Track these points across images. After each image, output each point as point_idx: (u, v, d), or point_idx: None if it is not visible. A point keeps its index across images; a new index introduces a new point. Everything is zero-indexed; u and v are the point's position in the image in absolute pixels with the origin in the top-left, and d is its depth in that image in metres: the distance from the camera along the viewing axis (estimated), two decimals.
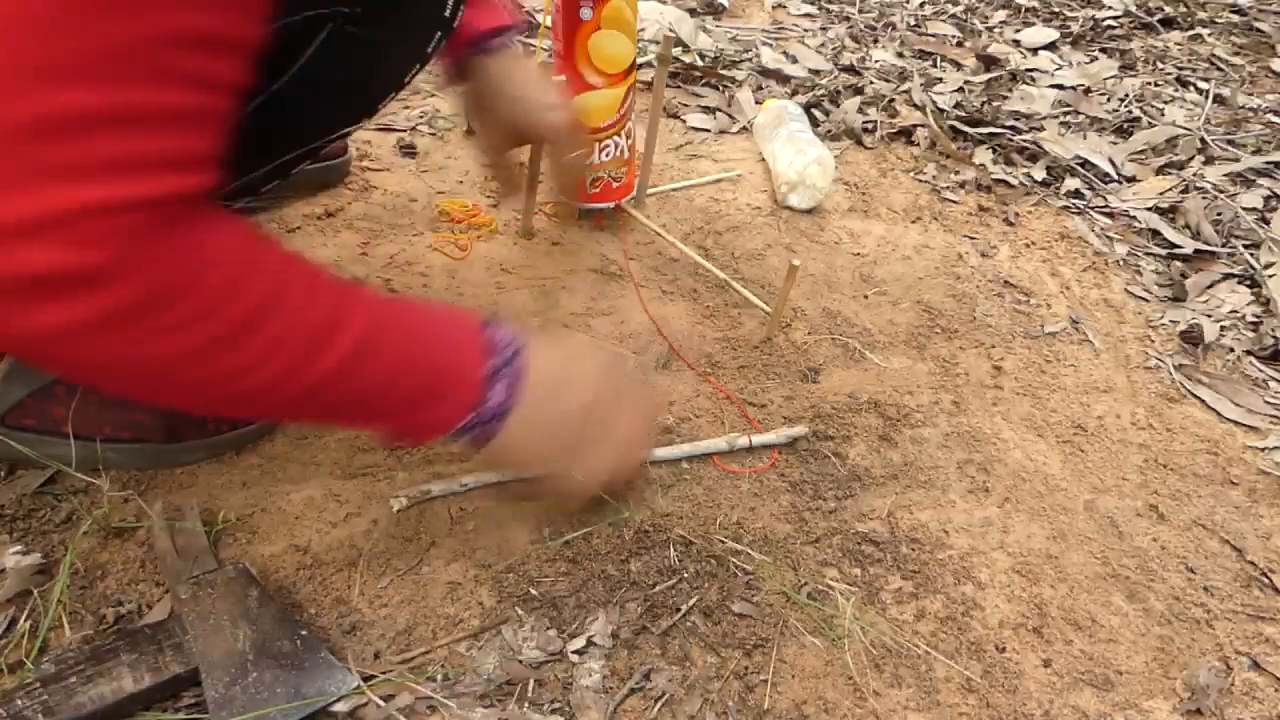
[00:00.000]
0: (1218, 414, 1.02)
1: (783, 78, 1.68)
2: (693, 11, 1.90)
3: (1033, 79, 1.78)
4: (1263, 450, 0.97)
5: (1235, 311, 1.18)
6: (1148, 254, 1.30)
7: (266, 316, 0.52)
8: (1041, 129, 1.58)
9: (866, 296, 1.13)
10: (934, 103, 1.63)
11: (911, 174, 1.43)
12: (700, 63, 1.68)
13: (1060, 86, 1.74)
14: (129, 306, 0.47)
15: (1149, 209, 1.39)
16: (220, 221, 0.51)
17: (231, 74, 0.48)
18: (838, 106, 1.58)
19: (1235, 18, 2.14)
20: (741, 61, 1.72)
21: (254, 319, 0.52)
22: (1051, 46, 1.94)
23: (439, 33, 0.74)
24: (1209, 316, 1.16)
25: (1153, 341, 1.12)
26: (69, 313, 0.46)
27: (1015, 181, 1.43)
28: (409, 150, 1.31)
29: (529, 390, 0.65)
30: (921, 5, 2.11)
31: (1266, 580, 0.82)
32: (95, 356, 0.49)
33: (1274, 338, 1.12)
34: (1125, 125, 1.62)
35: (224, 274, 0.50)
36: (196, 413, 0.75)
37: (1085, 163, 1.49)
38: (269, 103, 0.61)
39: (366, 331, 0.57)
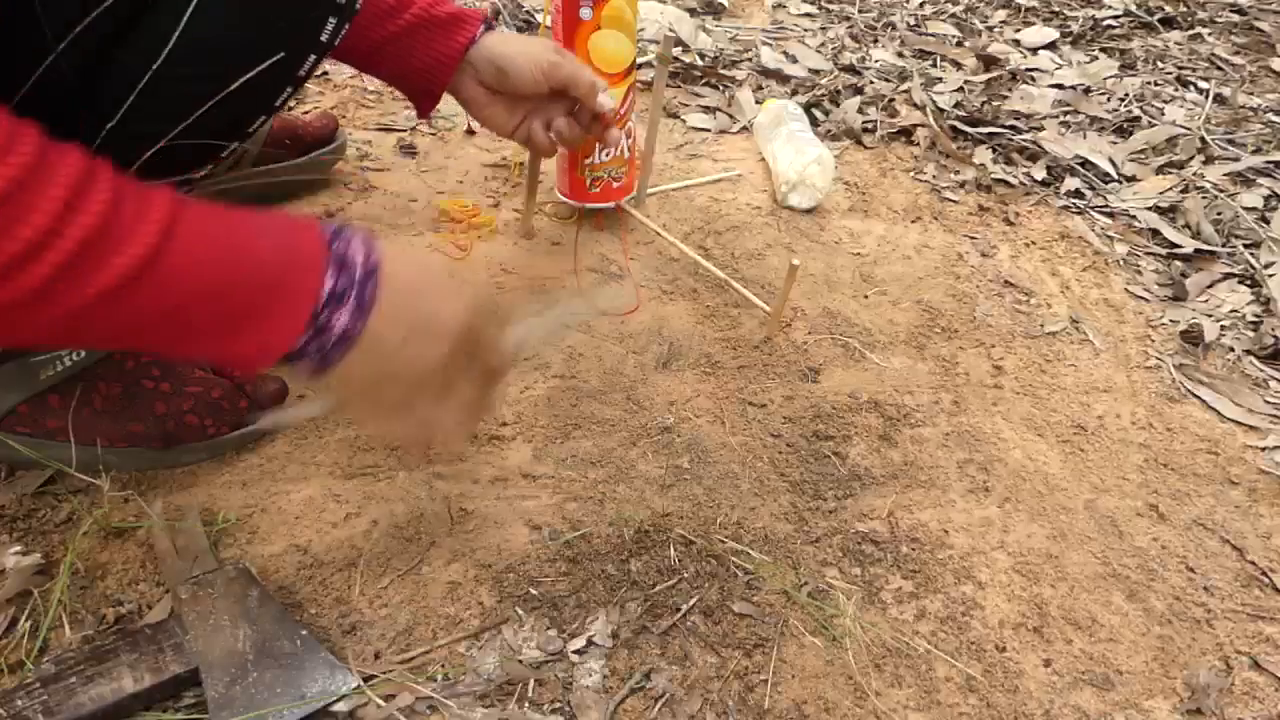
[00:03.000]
0: (1218, 413, 1.02)
1: (783, 77, 1.68)
2: (693, 11, 1.90)
3: (1033, 79, 1.78)
4: (1263, 450, 0.97)
5: (1235, 311, 1.18)
6: (1148, 254, 1.30)
7: (31, 196, 0.43)
8: (1041, 129, 1.58)
9: (866, 296, 1.13)
10: (934, 102, 1.63)
11: (911, 174, 1.43)
12: (700, 62, 1.68)
13: (1060, 86, 1.74)
14: None
15: (1149, 209, 1.39)
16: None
17: None
18: (838, 106, 1.58)
19: (1235, 17, 2.14)
20: (741, 61, 1.72)
21: (9, 194, 0.43)
22: (1051, 46, 1.94)
23: (334, 19, 0.65)
24: (1209, 316, 1.16)
25: (1153, 341, 1.12)
26: None
27: (1015, 181, 1.43)
28: (409, 150, 1.31)
29: (378, 323, 0.54)
30: (921, 5, 2.11)
31: (1266, 580, 0.82)
32: None
33: (1274, 337, 1.12)
34: (1125, 125, 1.62)
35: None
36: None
37: (1085, 162, 1.49)
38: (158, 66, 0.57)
39: (171, 231, 0.47)
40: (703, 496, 0.82)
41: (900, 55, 1.84)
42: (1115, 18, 2.08)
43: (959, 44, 1.92)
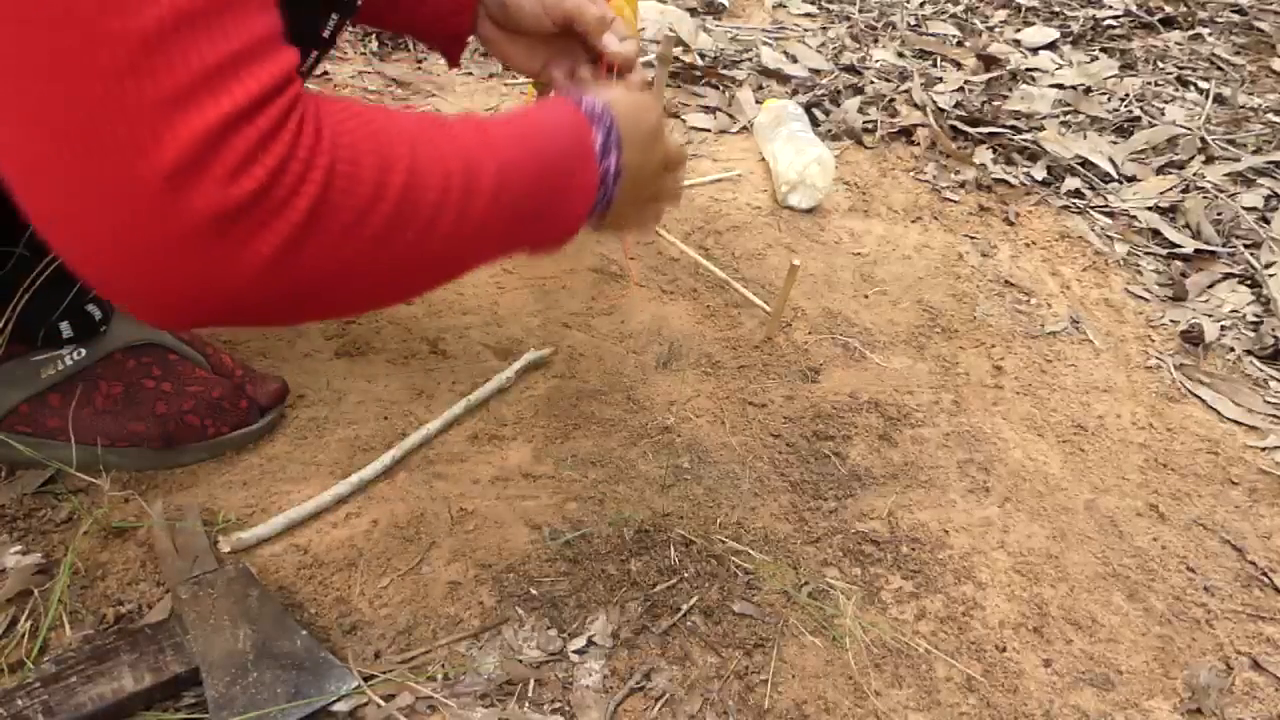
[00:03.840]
0: (1218, 414, 1.02)
1: (783, 77, 1.67)
2: (693, 11, 1.90)
3: (1033, 79, 1.78)
4: (1263, 450, 0.97)
5: (1236, 311, 1.18)
6: (1148, 254, 1.30)
7: (419, 180, 0.51)
8: (1042, 129, 1.57)
9: (867, 296, 1.13)
10: (934, 102, 1.62)
11: (912, 174, 1.43)
12: (700, 62, 1.68)
13: (1060, 86, 1.74)
14: (314, 206, 0.45)
15: (1149, 208, 1.39)
16: (314, 100, 0.47)
17: None
18: (838, 106, 1.58)
19: (1235, 17, 2.14)
20: (742, 61, 1.72)
21: (410, 187, 0.50)
22: (1052, 46, 1.94)
23: (335, 15, 0.67)
24: (1209, 316, 1.16)
25: (1153, 341, 1.12)
26: (272, 235, 0.43)
27: (1015, 181, 1.43)
28: None
29: (626, 153, 0.66)
30: (922, 5, 2.11)
31: (1267, 580, 0.82)
32: (305, 273, 0.46)
33: (1274, 337, 1.12)
34: (1125, 125, 1.62)
35: (369, 150, 0.48)
36: (399, 301, 0.70)
37: (1085, 162, 1.49)
38: None
39: (498, 157, 0.56)
40: (703, 496, 0.82)
41: (900, 55, 1.84)
42: (1115, 18, 2.08)
43: (959, 44, 1.92)
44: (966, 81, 1.74)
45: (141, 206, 0.40)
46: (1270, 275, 1.22)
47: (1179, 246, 1.30)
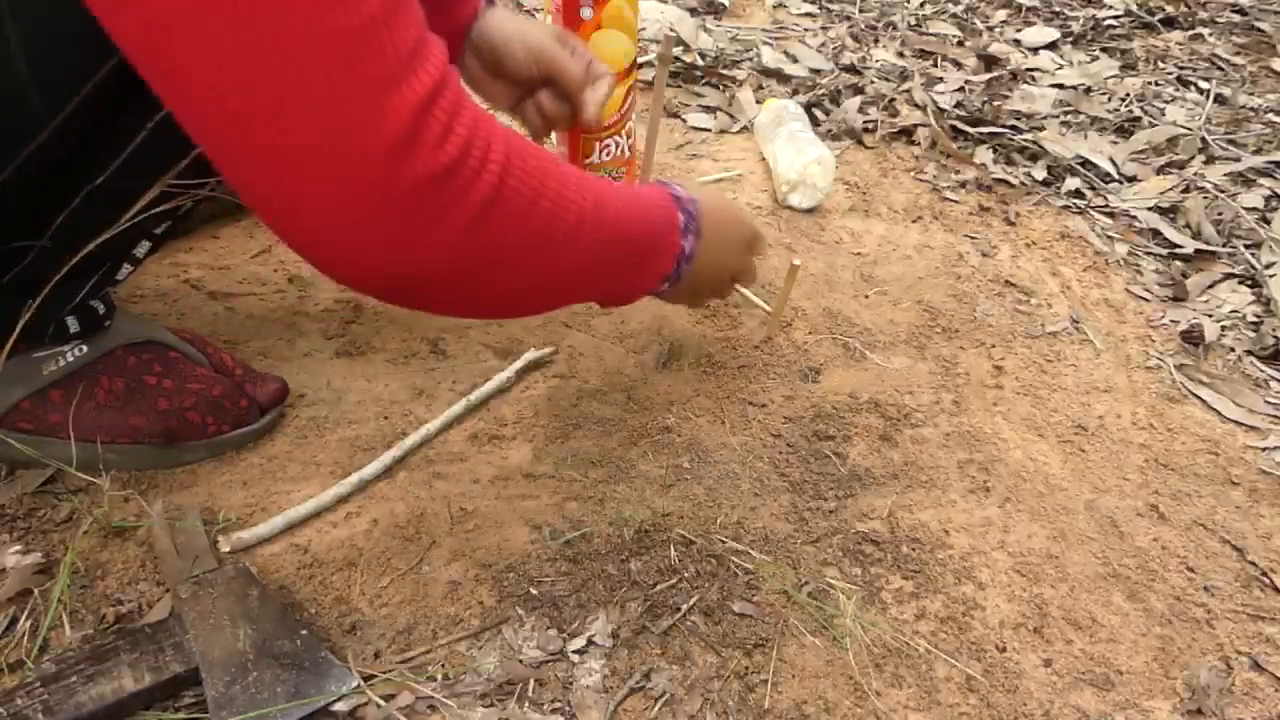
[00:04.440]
0: (1218, 414, 1.02)
1: (783, 77, 1.67)
2: (693, 11, 1.90)
3: (1033, 79, 1.78)
4: (1263, 450, 0.97)
5: (1236, 311, 1.18)
6: (1148, 254, 1.30)
7: (567, 193, 0.59)
8: (1042, 129, 1.57)
9: (867, 296, 1.13)
10: (934, 102, 1.62)
11: (912, 174, 1.43)
12: (701, 62, 1.68)
13: (1061, 86, 1.74)
14: (499, 179, 0.53)
15: (1150, 209, 1.39)
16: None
17: None
18: (838, 106, 1.58)
19: (1236, 17, 2.14)
20: (742, 61, 1.72)
21: (562, 196, 0.58)
22: (1052, 46, 1.94)
23: None
24: (1210, 316, 1.16)
25: (1153, 341, 1.12)
26: (472, 196, 0.51)
27: (1016, 181, 1.43)
28: None
29: (704, 240, 0.77)
30: (922, 5, 2.11)
31: (1267, 580, 0.82)
32: (487, 246, 0.54)
33: (1275, 338, 1.12)
34: (1126, 125, 1.62)
35: (531, 153, 0.56)
36: (526, 314, 0.79)
37: (1086, 162, 1.49)
38: None
39: (616, 204, 0.65)
40: (703, 496, 0.82)
41: (901, 55, 1.84)
42: (1116, 18, 2.08)
43: (960, 44, 1.92)
44: (967, 81, 1.74)
45: (370, 173, 0.47)
46: (1270, 275, 1.22)
47: (1179, 246, 1.30)
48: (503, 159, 0.53)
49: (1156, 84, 1.79)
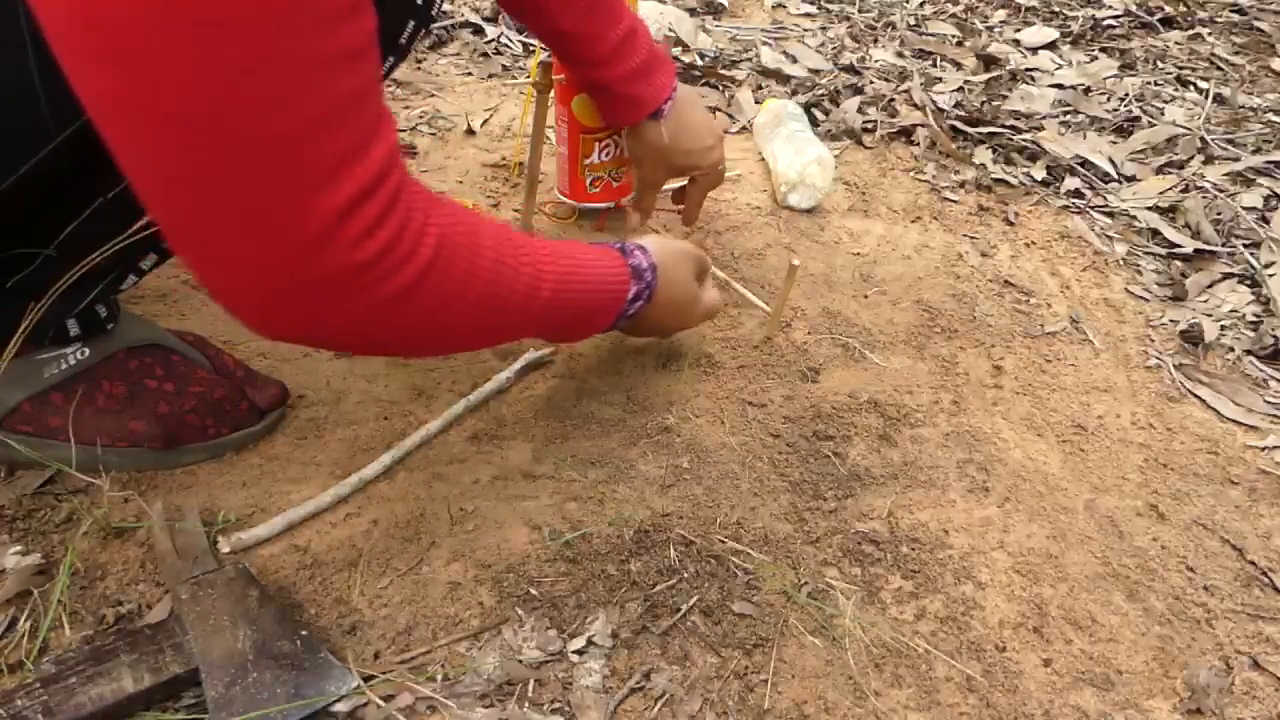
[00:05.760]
0: (1218, 413, 1.02)
1: (783, 77, 1.68)
2: (693, 11, 1.90)
3: (1033, 78, 1.78)
4: (1263, 450, 0.97)
5: (1235, 311, 1.18)
6: (1148, 253, 1.30)
7: (499, 271, 0.65)
8: (1041, 128, 1.58)
9: (866, 296, 1.13)
10: (934, 102, 1.63)
11: (911, 174, 1.43)
12: (700, 62, 1.68)
13: (1060, 86, 1.74)
14: (424, 268, 0.57)
15: (1149, 208, 1.39)
16: (412, 183, 0.58)
17: (370, 41, 0.51)
18: (838, 106, 1.58)
19: (1235, 17, 2.14)
20: (741, 61, 1.72)
21: (496, 274, 0.64)
22: (1051, 46, 1.94)
23: (413, 22, 0.72)
24: (1209, 316, 1.16)
25: (1153, 341, 1.12)
26: (386, 285, 0.55)
27: (1015, 181, 1.43)
28: (409, 150, 1.31)
29: (656, 296, 0.84)
30: (921, 5, 2.11)
31: (1266, 580, 0.82)
32: (408, 321, 0.59)
33: (1274, 337, 1.12)
34: (1125, 125, 1.62)
35: (465, 245, 0.61)
36: (459, 350, 0.85)
37: (1085, 162, 1.49)
38: None
39: (552, 278, 0.71)
40: (703, 496, 0.82)
41: (900, 55, 1.84)
42: (1115, 18, 2.08)
43: (959, 44, 1.92)
44: (966, 81, 1.74)
45: (286, 263, 0.52)
46: (1270, 275, 1.22)
47: (1179, 246, 1.30)
48: (433, 250, 0.57)
49: (1155, 84, 1.79)
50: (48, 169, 0.59)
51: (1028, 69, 1.81)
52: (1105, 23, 2.06)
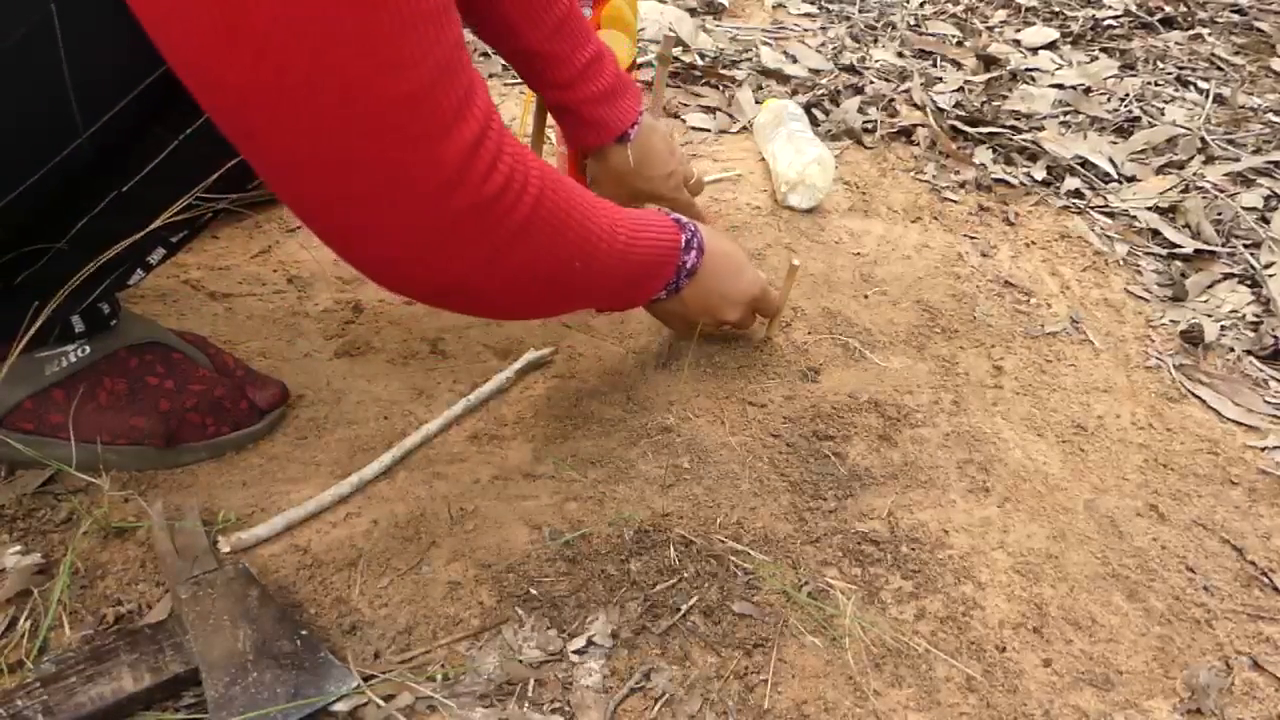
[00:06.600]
0: (1218, 414, 1.02)
1: (783, 77, 1.68)
2: (693, 11, 1.90)
3: (1033, 79, 1.78)
4: (1263, 450, 0.97)
5: (1235, 311, 1.18)
6: (1148, 254, 1.30)
7: (587, 215, 0.70)
8: (1041, 129, 1.58)
9: (866, 296, 1.13)
10: (934, 102, 1.63)
11: (911, 174, 1.43)
12: (700, 62, 1.68)
13: (1060, 86, 1.74)
14: (533, 205, 0.63)
15: (1149, 208, 1.39)
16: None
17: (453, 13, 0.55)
18: (838, 106, 1.58)
19: (1235, 17, 2.14)
20: (741, 61, 1.72)
21: (585, 217, 0.69)
22: (1052, 46, 1.94)
23: None
24: (1209, 316, 1.16)
25: (1153, 341, 1.12)
26: (509, 220, 0.61)
27: (1015, 181, 1.43)
28: None
29: (700, 272, 0.86)
30: (921, 5, 2.11)
31: (1266, 580, 0.82)
32: (521, 258, 0.65)
33: (1274, 337, 1.12)
34: (1125, 125, 1.62)
35: (557, 181, 0.66)
36: (559, 300, 0.83)
37: (1085, 162, 1.49)
38: None
39: (626, 228, 0.75)
40: (703, 496, 0.82)
41: (900, 55, 1.84)
42: (1115, 18, 2.08)
43: (959, 44, 1.92)
44: (966, 81, 1.74)
45: (425, 206, 0.57)
46: (1270, 275, 1.22)
47: (1179, 246, 1.30)
48: (538, 190, 0.63)
49: (1156, 84, 1.79)
50: (71, 164, 0.59)
51: (1028, 69, 1.81)
52: (1105, 23, 2.06)
